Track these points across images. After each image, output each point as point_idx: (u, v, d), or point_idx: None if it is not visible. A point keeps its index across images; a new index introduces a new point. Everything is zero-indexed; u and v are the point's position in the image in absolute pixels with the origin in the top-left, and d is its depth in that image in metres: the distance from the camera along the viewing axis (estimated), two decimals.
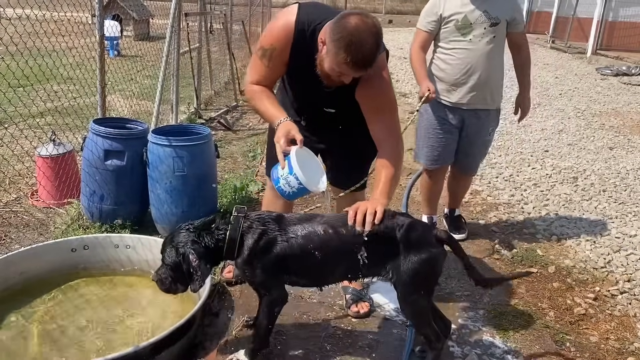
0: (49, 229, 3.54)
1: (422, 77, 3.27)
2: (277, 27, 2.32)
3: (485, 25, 3.18)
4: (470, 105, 3.34)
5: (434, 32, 3.32)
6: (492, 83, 3.32)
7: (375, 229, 2.16)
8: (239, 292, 2.94)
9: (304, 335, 2.64)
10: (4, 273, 2.67)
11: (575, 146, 6.25)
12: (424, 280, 2.21)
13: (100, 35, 3.86)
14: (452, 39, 3.27)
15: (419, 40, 3.36)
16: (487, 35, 3.20)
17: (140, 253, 2.97)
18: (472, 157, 3.57)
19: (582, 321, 2.91)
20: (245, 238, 2.21)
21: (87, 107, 5.04)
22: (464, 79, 3.28)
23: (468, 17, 3.19)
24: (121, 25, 12.72)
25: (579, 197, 4.67)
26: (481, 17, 3.18)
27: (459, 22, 3.21)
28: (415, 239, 2.18)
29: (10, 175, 4.20)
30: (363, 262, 2.20)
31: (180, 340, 2.36)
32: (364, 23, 2.06)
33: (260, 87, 2.39)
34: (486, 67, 3.25)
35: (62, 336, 2.47)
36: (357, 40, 2.02)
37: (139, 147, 3.42)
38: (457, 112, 3.38)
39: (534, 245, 3.74)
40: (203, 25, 7.29)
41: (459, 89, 3.32)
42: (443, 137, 3.45)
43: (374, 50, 2.07)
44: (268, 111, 2.36)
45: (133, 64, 7.01)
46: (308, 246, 2.19)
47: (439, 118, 3.43)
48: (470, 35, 3.21)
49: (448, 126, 3.42)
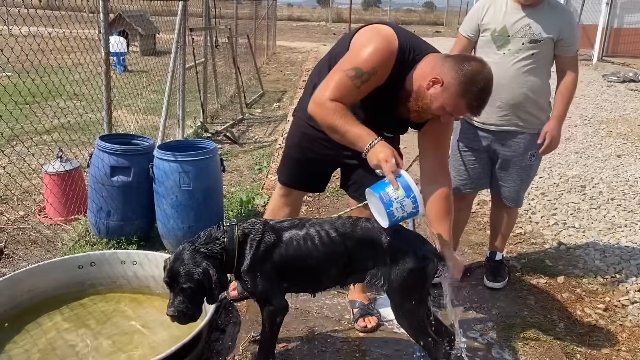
0: (57, 245, 3.55)
1: None
2: (379, 52, 2.19)
3: (524, 41, 2.86)
4: (501, 127, 3.00)
5: (473, 38, 3.03)
6: (527, 105, 2.95)
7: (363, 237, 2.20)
8: (245, 308, 2.93)
9: (311, 350, 2.62)
10: (11, 291, 2.68)
11: (582, 154, 6.22)
12: (412, 289, 2.21)
13: (106, 53, 3.90)
14: (486, 50, 2.97)
15: (457, 47, 3.09)
16: (524, 52, 2.87)
17: (147, 269, 2.97)
18: (511, 185, 3.14)
19: (592, 332, 2.87)
20: (244, 247, 2.20)
21: (94, 123, 5.09)
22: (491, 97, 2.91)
23: (507, 28, 2.89)
24: (127, 40, 12.84)
25: (587, 205, 4.63)
26: (522, 30, 2.87)
27: (495, 33, 2.92)
28: (401, 249, 2.19)
29: (17, 192, 4.22)
30: (353, 267, 2.24)
31: (188, 356, 2.35)
32: (488, 72, 2.16)
33: (339, 104, 2.20)
34: (518, 87, 2.91)
35: (70, 353, 2.47)
36: (485, 88, 2.15)
37: (144, 162, 3.44)
38: (487, 132, 3.05)
39: (542, 255, 3.71)
40: (208, 40, 7.34)
41: (486, 108, 2.88)
42: (471, 160, 3.14)
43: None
44: (354, 129, 2.16)
45: (139, 79, 7.07)
46: (303, 250, 2.21)
47: (466, 139, 3.13)
48: (505, 48, 2.91)
49: (477, 148, 3.11)
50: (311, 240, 2.22)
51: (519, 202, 3.25)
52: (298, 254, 2.21)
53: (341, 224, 2.26)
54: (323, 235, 2.22)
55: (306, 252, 2.21)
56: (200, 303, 2.19)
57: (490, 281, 3.27)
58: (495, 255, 3.36)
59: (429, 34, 26.51)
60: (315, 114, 2.24)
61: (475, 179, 3.19)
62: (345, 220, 2.29)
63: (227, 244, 2.19)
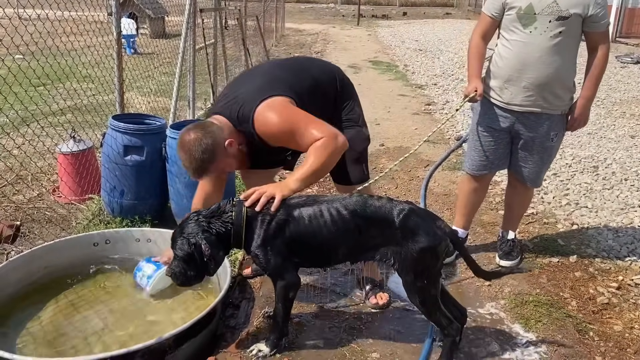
0: (71, 224, 3.59)
1: (473, 74, 2.97)
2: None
3: (551, 18, 2.76)
4: (524, 107, 2.93)
5: (497, 17, 2.93)
6: (553, 85, 2.86)
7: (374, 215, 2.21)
8: (259, 285, 2.96)
9: (324, 326, 2.65)
10: (28, 267, 2.72)
11: (595, 135, 6.16)
12: (424, 268, 2.22)
13: (117, 33, 3.89)
14: (511, 29, 2.88)
15: (481, 27, 3.00)
16: (552, 30, 2.77)
17: (161, 246, 2.99)
18: (531, 166, 3.10)
19: (605, 310, 2.87)
20: (256, 223, 2.23)
21: (105, 104, 5.10)
22: (516, 76, 2.88)
23: (533, 5, 2.79)
24: (137, 23, 12.82)
25: (600, 186, 4.60)
26: (548, 8, 2.76)
27: (521, 10, 2.82)
28: (414, 227, 2.19)
29: (33, 172, 4.27)
30: (363, 245, 2.26)
31: (202, 331, 2.39)
32: (182, 141, 2.33)
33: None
34: (545, 66, 2.82)
35: (86, 328, 2.51)
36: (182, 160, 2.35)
37: (157, 142, 3.45)
38: (510, 113, 2.99)
39: (554, 235, 3.70)
40: (218, 22, 7.31)
41: (511, 88, 2.92)
42: (492, 140, 3.09)
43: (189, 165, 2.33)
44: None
45: (150, 61, 7.07)
46: (314, 227, 2.23)
47: (488, 119, 3.06)
48: (532, 27, 2.80)
49: (498, 129, 3.05)
50: (322, 217, 2.23)
51: (538, 182, 3.21)
52: (309, 230, 2.23)
53: (352, 202, 2.27)
54: (334, 212, 2.23)
55: (317, 228, 2.23)
56: (195, 271, 2.25)
57: (503, 260, 3.27)
58: (508, 234, 3.35)
59: (439, 16, 26.21)
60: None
61: (494, 160, 3.15)
62: (356, 198, 2.29)
63: (234, 219, 2.22)
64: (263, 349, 2.40)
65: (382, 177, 3.21)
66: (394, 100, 7.99)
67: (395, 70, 10.64)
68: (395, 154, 5.27)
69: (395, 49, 14.02)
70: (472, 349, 2.52)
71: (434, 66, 11.00)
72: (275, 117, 2.32)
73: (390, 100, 7.97)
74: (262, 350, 2.40)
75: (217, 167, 2.37)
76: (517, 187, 3.25)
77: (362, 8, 24.80)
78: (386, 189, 4.44)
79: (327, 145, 2.27)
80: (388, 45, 14.86)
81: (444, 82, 9.32)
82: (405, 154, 3.10)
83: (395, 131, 6.21)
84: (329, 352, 2.47)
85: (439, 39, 15.79)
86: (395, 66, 11.18)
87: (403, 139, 5.92)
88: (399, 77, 9.92)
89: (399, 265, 2.24)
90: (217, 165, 2.36)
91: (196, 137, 2.29)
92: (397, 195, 4.29)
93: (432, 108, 7.42)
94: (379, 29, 19.57)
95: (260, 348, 2.41)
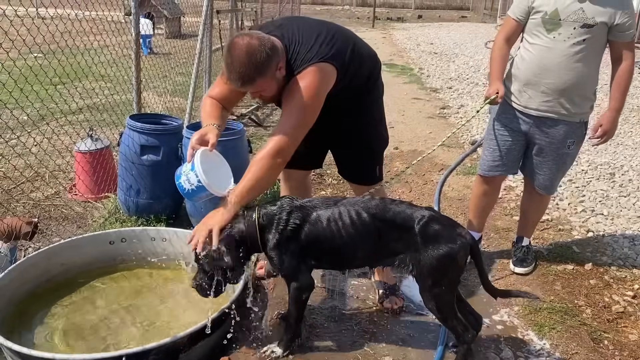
0: (87, 222, 3.64)
1: (495, 77, 2.95)
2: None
3: (576, 25, 2.73)
4: (542, 112, 2.92)
5: (522, 21, 2.91)
6: (574, 91, 2.85)
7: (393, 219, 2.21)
8: (272, 286, 2.97)
9: (337, 329, 2.65)
10: (46, 264, 2.76)
11: (611, 142, 6.04)
12: (443, 275, 2.21)
13: (136, 34, 3.94)
14: (535, 33, 2.87)
15: (505, 30, 2.99)
16: (576, 37, 2.75)
17: (176, 246, 3.02)
18: (546, 172, 3.06)
19: (620, 319, 2.85)
20: (270, 226, 2.24)
21: (122, 103, 5.15)
22: (536, 80, 2.88)
23: (559, 11, 2.76)
24: (153, 23, 12.91)
25: (617, 193, 4.56)
26: (574, 14, 2.73)
27: (547, 15, 2.79)
28: (434, 233, 2.18)
29: (51, 169, 4.32)
30: (381, 250, 2.25)
31: (216, 331, 2.40)
32: (242, 42, 2.16)
33: (212, 100, 2.50)
34: (566, 72, 2.81)
35: (102, 326, 2.54)
36: (230, 57, 2.18)
37: (174, 142, 3.49)
38: (527, 117, 2.98)
39: (569, 242, 3.67)
40: (234, 23, 7.36)
41: (530, 91, 2.92)
42: (507, 140, 3.07)
43: (245, 66, 2.15)
44: (204, 120, 2.47)
45: (166, 61, 7.12)
46: (332, 229, 2.23)
47: (505, 119, 3.06)
48: (555, 32, 2.79)
49: (515, 130, 3.04)
50: (341, 219, 2.24)
51: (552, 190, 3.18)
52: (327, 232, 2.24)
53: (373, 205, 2.27)
54: (353, 215, 2.24)
55: (335, 231, 2.23)
56: (219, 284, 2.27)
57: (517, 267, 3.26)
58: (522, 241, 3.33)
59: (454, 19, 26.11)
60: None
61: (508, 161, 3.13)
62: (377, 202, 2.29)
63: (247, 227, 2.24)
64: (276, 350, 2.41)
65: (396, 180, 3.21)
66: (408, 103, 7.97)
67: (410, 74, 10.61)
68: (409, 158, 5.26)
69: (410, 51, 13.99)
70: (485, 356, 2.51)
71: (449, 70, 10.95)
72: (310, 83, 2.28)
73: (405, 103, 7.95)
74: (275, 351, 2.41)
75: (262, 84, 2.24)
76: (532, 194, 3.23)
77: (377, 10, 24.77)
78: (400, 192, 4.44)
79: (268, 163, 2.24)
80: (403, 48, 14.82)
81: (459, 86, 9.28)
82: (419, 157, 3.10)
83: (410, 135, 6.20)
84: (342, 354, 2.47)
85: (454, 42, 15.73)
86: (410, 69, 11.15)
87: (417, 142, 5.91)
88: (414, 80, 9.89)
89: (416, 272, 2.23)
90: (263, 82, 2.24)
91: (258, 44, 2.16)
92: (411, 199, 4.29)
93: (446, 112, 7.39)
94: (394, 32, 19.52)
95: (273, 349, 2.42)
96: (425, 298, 2.29)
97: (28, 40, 3.31)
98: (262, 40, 2.18)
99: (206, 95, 2.54)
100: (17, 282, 2.58)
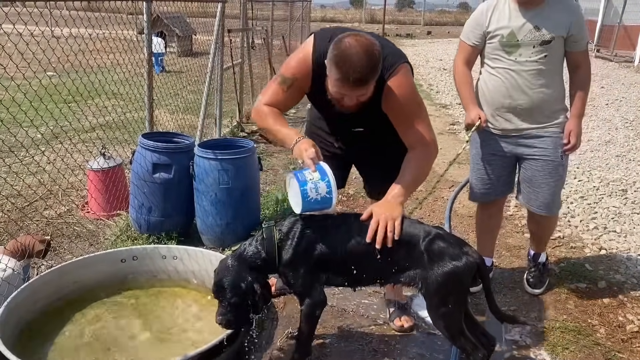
0: (99, 239, 3.66)
1: (468, 102, 2.93)
2: (297, 59, 2.36)
3: (534, 44, 2.75)
4: (521, 131, 2.90)
5: (479, 46, 2.91)
6: (545, 107, 2.86)
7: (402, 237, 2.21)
8: (283, 304, 2.97)
9: (347, 348, 2.64)
10: (58, 282, 2.78)
11: (624, 158, 6.06)
12: (448, 293, 2.20)
13: (149, 53, 4.00)
14: (494, 57, 2.87)
15: (463, 54, 2.98)
16: (537, 55, 2.77)
17: (187, 264, 3.03)
18: (544, 189, 2.94)
19: (635, 339, 2.80)
20: (284, 243, 2.25)
21: (135, 121, 5.21)
22: (507, 103, 2.87)
23: (515, 33, 2.77)
24: (165, 41, 13.09)
25: (629, 210, 4.52)
26: (530, 33, 2.75)
27: (503, 39, 2.80)
28: (439, 251, 2.18)
29: (63, 187, 4.37)
30: (390, 266, 2.25)
31: (226, 350, 2.40)
32: (356, 41, 2.07)
33: (273, 108, 2.40)
34: (535, 91, 2.81)
35: (113, 345, 2.54)
36: (346, 57, 2.04)
37: (185, 160, 3.52)
38: (508, 138, 2.95)
39: (582, 260, 3.64)
40: (245, 41, 7.44)
41: (505, 115, 2.91)
42: (495, 167, 3.03)
43: (365, 65, 2.05)
44: (283, 130, 2.34)
45: (178, 79, 7.21)
46: (343, 245, 2.24)
47: (488, 147, 3.01)
48: (516, 54, 2.79)
49: (500, 155, 3.00)
50: (351, 235, 2.24)
51: (553, 208, 3.02)
52: (336, 249, 2.24)
53: None
54: (363, 231, 2.24)
55: (345, 247, 2.24)
56: (245, 312, 2.27)
57: (531, 287, 3.21)
58: (539, 257, 3.25)
59: None
60: (254, 118, 2.50)
61: (499, 185, 3.07)
62: None
63: (266, 248, 2.26)
64: None
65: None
66: None
67: (420, 90, 10.62)
68: None
69: (419, 67, 14.03)
70: None
71: None
72: (411, 84, 2.33)
73: None
74: None
75: (372, 85, 2.15)
76: (534, 216, 3.10)
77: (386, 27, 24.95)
78: (410, 209, 4.43)
79: (431, 155, 2.36)
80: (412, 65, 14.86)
81: None
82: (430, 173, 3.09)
83: None
84: None
85: None
86: (420, 85, 11.19)
87: None
88: (424, 97, 9.82)
89: (425, 290, 2.23)
90: (373, 83, 2.15)
91: (371, 43, 2.08)
92: (421, 216, 4.28)
93: (456, 128, 7.39)
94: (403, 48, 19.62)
95: None
96: (432, 316, 2.28)
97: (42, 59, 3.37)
98: (371, 40, 2.12)
99: (261, 103, 2.41)
100: (30, 300, 2.59)
